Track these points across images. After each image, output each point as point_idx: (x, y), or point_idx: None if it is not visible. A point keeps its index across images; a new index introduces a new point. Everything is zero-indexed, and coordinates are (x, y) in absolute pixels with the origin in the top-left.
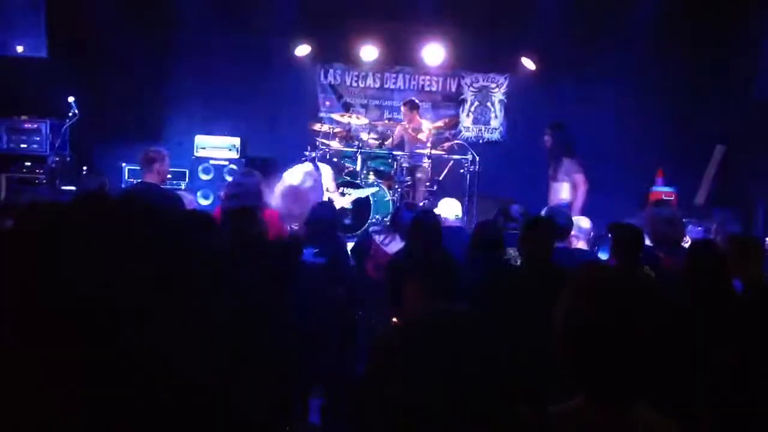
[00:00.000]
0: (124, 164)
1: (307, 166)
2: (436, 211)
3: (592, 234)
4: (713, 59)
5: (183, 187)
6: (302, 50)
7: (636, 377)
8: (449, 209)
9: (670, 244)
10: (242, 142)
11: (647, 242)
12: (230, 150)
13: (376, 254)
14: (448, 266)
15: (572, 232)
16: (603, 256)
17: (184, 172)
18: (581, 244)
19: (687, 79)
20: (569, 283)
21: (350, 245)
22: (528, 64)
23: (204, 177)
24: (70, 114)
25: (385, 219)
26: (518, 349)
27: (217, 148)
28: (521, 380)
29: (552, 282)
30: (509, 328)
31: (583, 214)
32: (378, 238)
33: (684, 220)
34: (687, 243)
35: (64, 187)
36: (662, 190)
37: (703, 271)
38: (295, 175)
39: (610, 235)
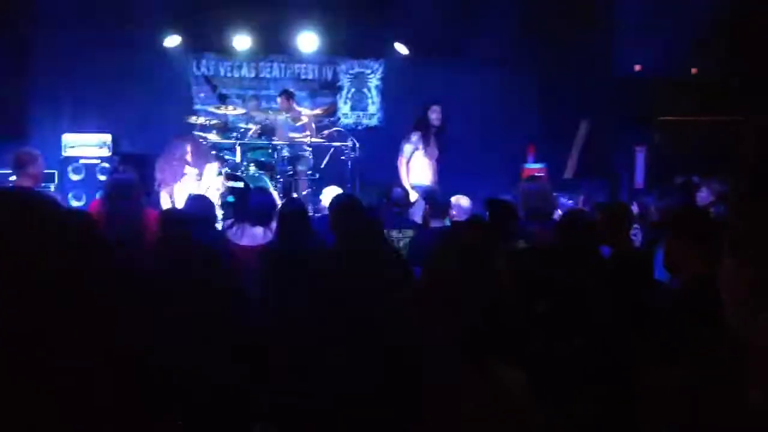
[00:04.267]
0: None
1: None
2: (321, 199)
3: (472, 212)
4: (574, 37)
5: (53, 189)
6: (172, 41)
7: (483, 333)
8: (329, 199)
9: (542, 217)
10: (114, 139)
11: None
12: (101, 147)
13: (234, 252)
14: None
15: (453, 212)
16: None
17: (53, 174)
18: None
19: (551, 58)
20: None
21: None
22: (401, 48)
23: (74, 177)
24: None
25: None
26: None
27: (88, 146)
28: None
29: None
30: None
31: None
32: (230, 233)
33: (554, 193)
34: (558, 215)
35: None
36: (534, 167)
37: (573, 238)
38: None
39: (486, 211)
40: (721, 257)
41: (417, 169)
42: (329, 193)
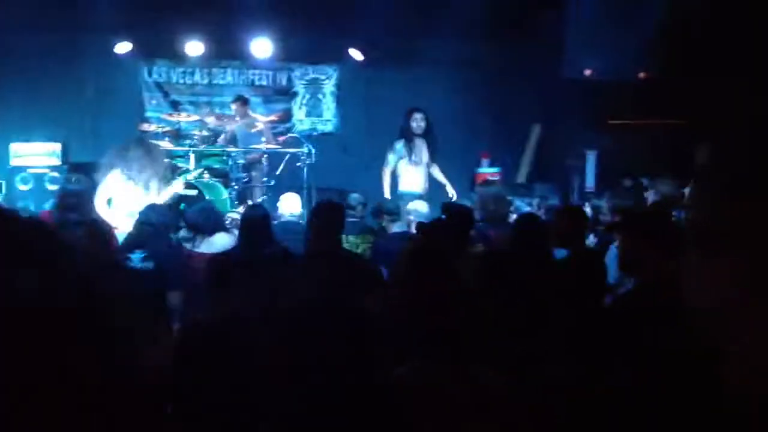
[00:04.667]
0: None
1: None
2: (279, 206)
3: (430, 217)
4: (526, 43)
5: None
6: (123, 47)
7: (461, 338)
8: (286, 206)
9: (498, 220)
10: (64, 147)
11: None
12: (50, 156)
13: (190, 261)
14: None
15: (411, 217)
16: None
17: (0, 184)
18: None
19: (504, 64)
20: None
21: None
22: (356, 54)
23: (22, 187)
24: None
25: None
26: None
27: (36, 155)
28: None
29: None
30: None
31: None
32: (188, 245)
33: (509, 197)
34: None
35: None
36: (487, 171)
37: (527, 239)
38: None
39: (443, 216)
40: (681, 255)
41: (405, 177)
42: (287, 201)
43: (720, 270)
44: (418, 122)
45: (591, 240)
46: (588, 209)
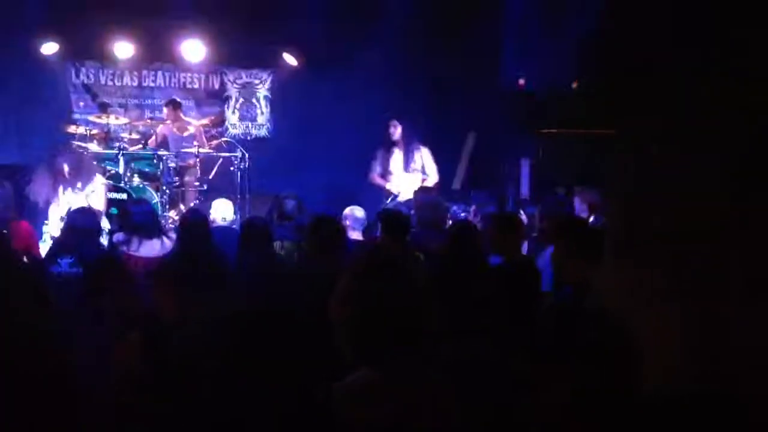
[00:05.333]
0: None
1: None
2: (211, 212)
3: (366, 222)
4: (464, 51)
5: None
6: (49, 48)
7: (405, 343)
8: (218, 212)
9: (435, 228)
10: None
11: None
12: None
13: (127, 264)
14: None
15: (347, 223)
16: None
17: None
18: (356, 234)
19: (441, 71)
20: (346, 272)
21: None
22: (290, 59)
23: None
24: None
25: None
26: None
27: None
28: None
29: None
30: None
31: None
32: (125, 248)
33: (446, 204)
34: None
35: None
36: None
37: (462, 246)
38: None
39: (380, 222)
40: (600, 261)
41: (387, 184)
42: (219, 206)
43: (628, 275)
44: (390, 130)
45: (524, 247)
46: (522, 217)
